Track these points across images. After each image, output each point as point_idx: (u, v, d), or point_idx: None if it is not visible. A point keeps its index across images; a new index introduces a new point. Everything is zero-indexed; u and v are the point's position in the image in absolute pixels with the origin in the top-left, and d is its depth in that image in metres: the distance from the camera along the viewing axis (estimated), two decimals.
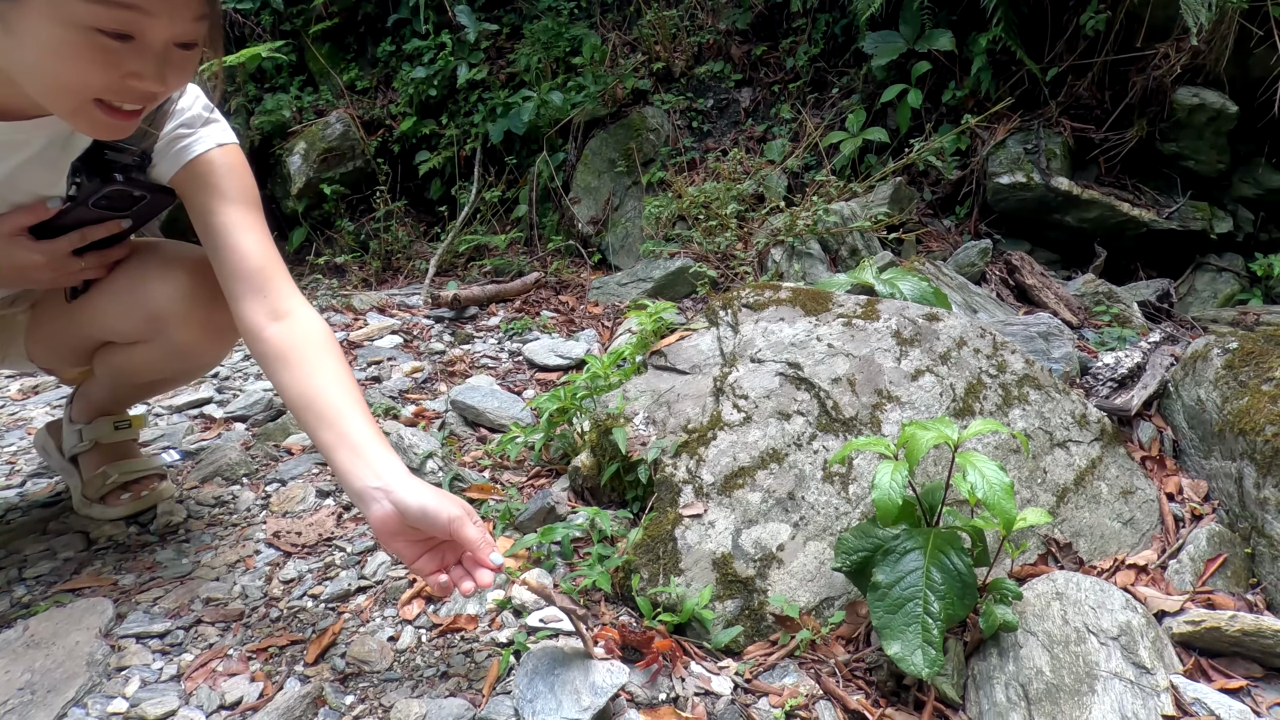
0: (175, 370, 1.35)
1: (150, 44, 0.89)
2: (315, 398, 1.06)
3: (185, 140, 1.15)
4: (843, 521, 1.30)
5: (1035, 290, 2.32)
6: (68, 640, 1.07)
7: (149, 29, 0.88)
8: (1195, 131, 2.64)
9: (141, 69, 0.90)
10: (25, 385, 2.16)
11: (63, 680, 1.02)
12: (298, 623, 1.21)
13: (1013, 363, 1.55)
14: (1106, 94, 2.78)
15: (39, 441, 1.57)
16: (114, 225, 1.18)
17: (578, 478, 1.55)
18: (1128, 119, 2.74)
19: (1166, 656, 1.09)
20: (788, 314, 1.66)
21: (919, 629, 1.02)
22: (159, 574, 1.30)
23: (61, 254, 1.15)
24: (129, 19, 0.86)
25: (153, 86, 0.92)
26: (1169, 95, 2.62)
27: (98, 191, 1.11)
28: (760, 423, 1.43)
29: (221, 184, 1.16)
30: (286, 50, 4.02)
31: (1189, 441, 1.54)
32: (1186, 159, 2.71)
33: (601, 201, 3.51)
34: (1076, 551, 1.32)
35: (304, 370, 1.08)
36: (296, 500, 1.53)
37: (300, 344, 1.10)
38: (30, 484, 1.64)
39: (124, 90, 0.91)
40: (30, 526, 1.43)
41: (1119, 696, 1.02)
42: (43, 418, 1.98)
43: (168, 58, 0.91)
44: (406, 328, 2.68)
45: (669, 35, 3.61)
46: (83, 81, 0.89)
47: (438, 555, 1.05)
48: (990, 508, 1.00)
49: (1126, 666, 1.05)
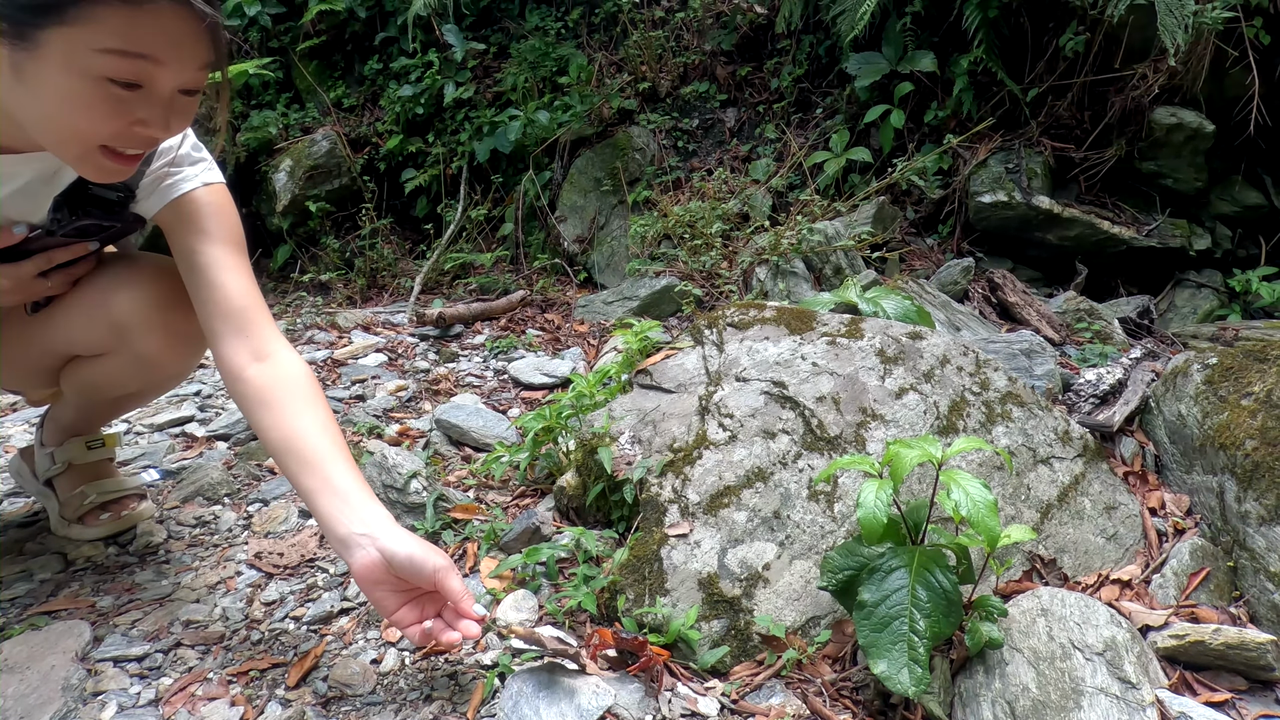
0: (142, 382, 1.33)
1: (158, 92, 0.92)
2: (297, 442, 1.06)
3: (172, 178, 1.16)
4: (828, 540, 1.30)
5: (1017, 308, 2.34)
6: (43, 664, 1.05)
7: (158, 78, 0.91)
8: (1173, 150, 2.69)
9: (149, 117, 0.92)
10: (4, 403, 2.14)
11: (37, 706, 1.00)
12: (279, 645, 1.19)
13: (995, 380, 1.56)
14: (1086, 114, 2.82)
15: (13, 467, 1.55)
16: (80, 248, 1.18)
17: (563, 497, 1.54)
18: (1107, 138, 2.78)
19: (1152, 671, 1.10)
20: (772, 333, 1.66)
21: (905, 647, 1.02)
22: (138, 596, 1.28)
23: (27, 277, 1.14)
24: (140, 69, 0.89)
25: (158, 133, 0.95)
26: (1147, 115, 2.67)
27: (70, 224, 1.12)
28: (745, 442, 1.43)
29: (206, 223, 1.17)
30: (274, 67, 4.02)
31: (1170, 456, 1.55)
32: (1165, 177, 2.76)
33: (587, 220, 3.52)
34: (1061, 568, 1.33)
35: (286, 414, 1.08)
36: (279, 520, 1.51)
37: (282, 387, 1.10)
38: (7, 503, 1.62)
39: (130, 137, 0.94)
40: (6, 547, 1.42)
41: (1105, 712, 1.02)
42: (20, 435, 1.95)
43: (173, 105, 0.94)
44: (391, 346, 2.67)
45: (655, 56, 3.65)
46: (93, 129, 0.91)
47: (417, 607, 1.06)
48: (974, 525, 1.01)
49: (1112, 682, 1.05)
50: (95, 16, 0.85)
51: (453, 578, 1.03)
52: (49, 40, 0.86)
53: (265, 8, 3.93)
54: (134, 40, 0.87)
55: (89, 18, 0.84)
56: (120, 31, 0.86)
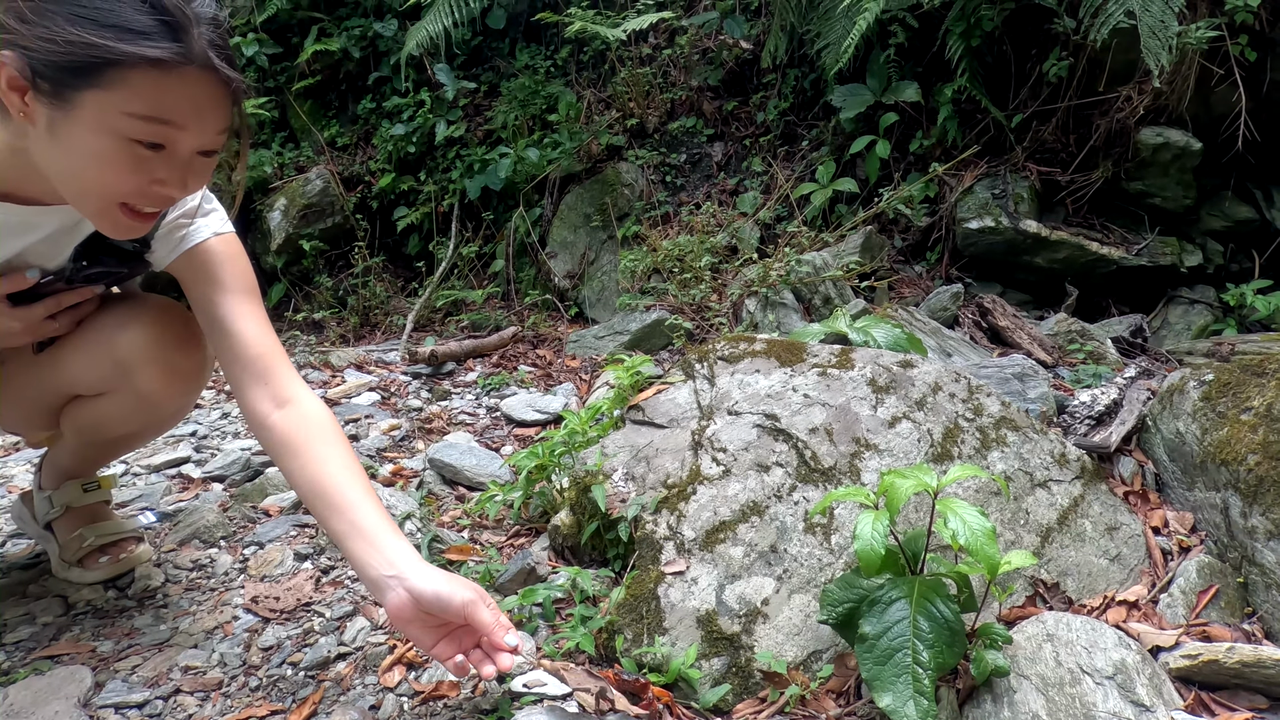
0: (142, 422, 1.35)
1: (179, 154, 0.97)
2: (326, 487, 1.10)
3: (185, 229, 1.21)
4: (826, 573, 1.30)
5: (1008, 332, 2.36)
6: (47, 710, 1.06)
7: (179, 140, 0.96)
8: (1160, 169, 2.71)
9: (168, 177, 0.98)
10: (7, 442, 2.15)
11: None
12: (277, 691, 1.18)
13: (989, 405, 1.57)
14: (1071, 137, 2.85)
15: (15, 511, 1.57)
16: (88, 292, 1.21)
17: (558, 536, 1.53)
18: (1093, 160, 2.81)
19: (1165, 693, 1.08)
20: (763, 365, 1.67)
21: (909, 679, 1.01)
22: (137, 641, 1.28)
23: (37, 319, 1.17)
24: (164, 133, 0.94)
25: (175, 193, 1.00)
26: (1133, 136, 2.69)
27: (85, 271, 1.16)
28: (739, 475, 1.43)
29: (220, 273, 1.21)
30: (269, 107, 4.07)
31: (1171, 474, 1.55)
32: (1153, 196, 2.78)
33: (578, 256, 3.54)
34: (1065, 591, 1.32)
35: (312, 459, 1.12)
36: (274, 564, 1.50)
37: (306, 432, 1.14)
38: (10, 544, 1.63)
39: (148, 195, 0.99)
40: (9, 589, 1.43)
41: None
42: (23, 475, 1.95)
43: (191, 165, 0.99)
44: (384, 384, 2.67)
45: (642, 92, 3.70)
46: (114, 187, 0.96)
47: (455, 640, 1.08)
48: (973, 553, 1.01)
49: (1125, 705, 1.04)
50: (127, 81, 0.90)
51: (481, 611, 1.04)
52: (83, 101, 0.91)
53: (263, 48, 3.99)
54: (160, 106, 0.92)
55: (122, 82, 0.90)
56: (148, 96, 0.91)
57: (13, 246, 1.11)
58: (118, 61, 0.89)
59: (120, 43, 0.89)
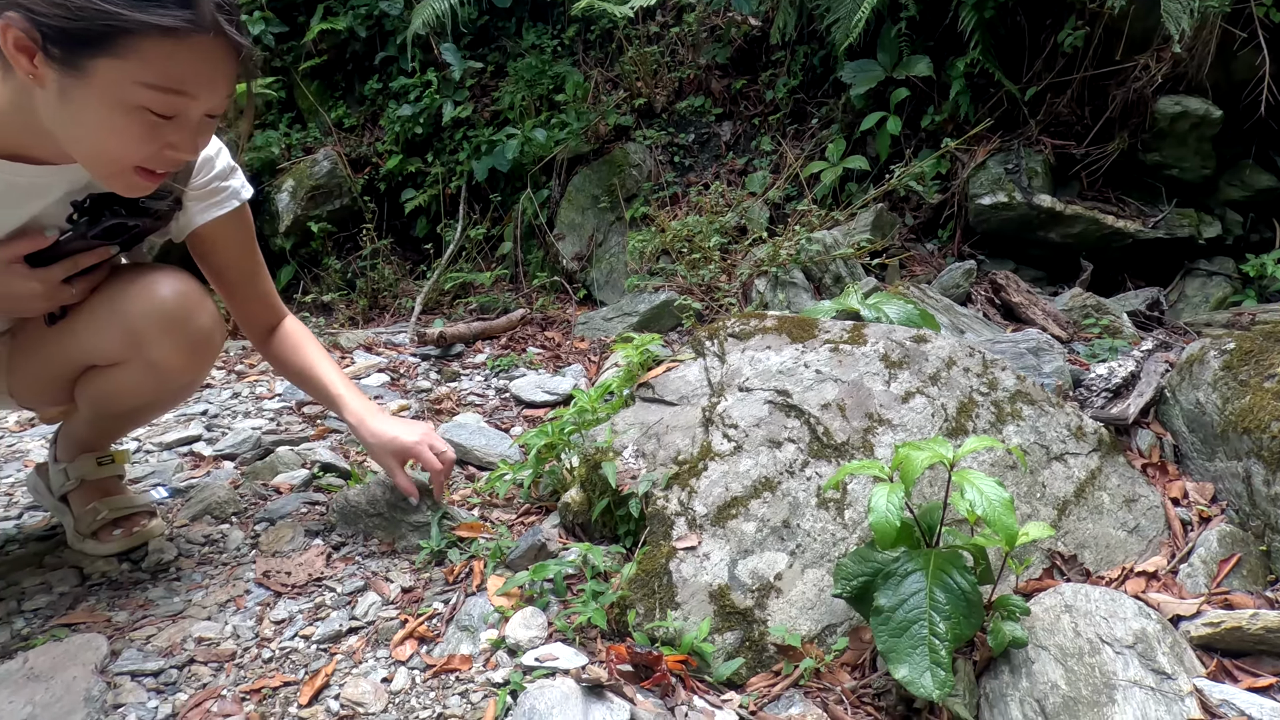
0: (154, 392, 1.35)
1: (189, 120, 1.00)
2: (308, 376, 1.46)
3: (222, 194, 1.29)
4: (840, 547, 1.28)
5: (1022, 308, 2.33)
6: (65, 675, 1.09)
7: (190, 108, 0.99)
8: (1178, 139, 2.65)
9: (179, 141, 1.01)
10: (23, 418, 2.18)
11: (62, 715, 1.04)
12: (290, 664, 1.19)
13: (1004, 380, 1.55)
14: (1086, 109, 2.79)
15: (30, 483, 1.58)
16: (104, 252, 1.21)
17: (568, 514, 1.53)
18: (1109, 133, 2.75)
19: (1187, 660, 1.07)
20: (774, 342, 1.65)
21: (926, 651, 1.00)
22: (151, 612, 1.30)
23: (55, 281, 1.17)
24: (177, 102, 0.97)
25: (186, 155, 1.04)
26: (1150, 106, 2.63)
27: (99, 225, 1.16)
28: (751, 451, 1.42)
29: (243, 234, 1.36)
30: (276, 87, 4.04)
31: (1190, 445, 1.53)
32: (1170, 167, 2.72)
33: (585, 238, 3.52)
34: (1082, 563, 1.30)
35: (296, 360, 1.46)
36: (285, 540, 1.50)
37: (289, 345, 1.47)
38: (27, 516, 1.65)
39: (161, 159, 1.01)
40: (27, 560, 1.45)
41: (1141, 704, 1.00)
42: (38, 450, 1.97)
43: (200, 128, 1.03)
44: (393, 366, 2.67)
45: (650, 71, 3.66)
46: (127, 153, 0.99)
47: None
48: (991, 524, 0.99)
49: (1146, 674, 1.03)
50: (139, 49, 0.91)
51: (423, 452, 1.41)
52: (96, 69, 0.92)
53: (269, 27, 3.95)
54: (172, 76, 0.94)
55: (134, 51, 0.91)
56: (161, 66, 0.93)
57: (28, 210, 1.11)
58: (130, 29, 0.90)
59: (132, 10, 0.89)
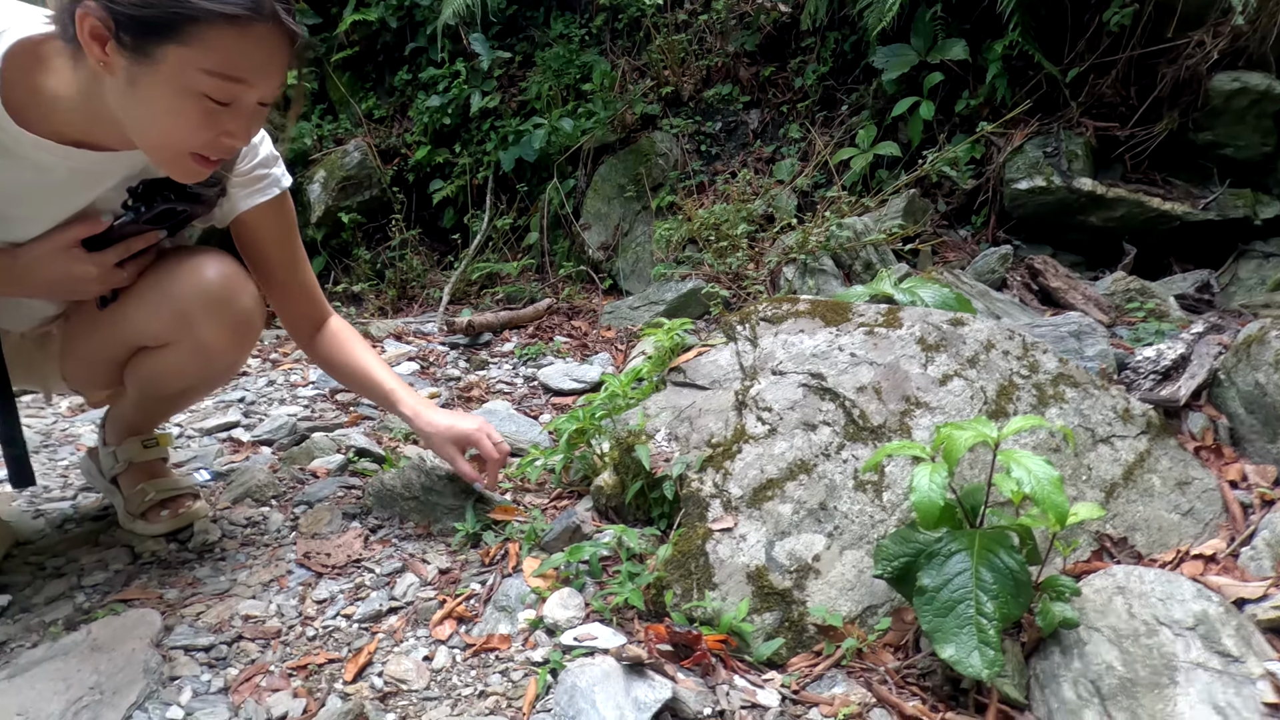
0: (200, 374, 1.38)
1: (244, 107, 1.03)
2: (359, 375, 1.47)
3: (265, 181, 1.31)
4: (879, 530, 1.27)
5: (1061, 292, 2.28)
6: (125, 648, 1.14)
7: (246, 95, 1.02)
8: (1235, 116, 2.56)
9: (235, 129, 1.04)
10: (75, 403, 2.25)
11: (125, 684, 1.08)
12: (333, 641, 1.21)
13: (1045, 362, 1.52)
14: (1132, 89, 2.71)
15: (84, 466, 1.64)
16: (154, 236, 1.24)
17: (601, 497, 1.53)
18: (1156, 113, 2.67)
19: (1255, 644, 1.03)
20: (807, 325, 1.63)
21: (973, 630, 0.98)
22: (199, 590, 1.34)
23: (109, 265, 1.20)
24: (236, 90, 1.00)
25: (241, 143, 1.07)
26: (1204, 83, 2.54)
27: (153, 210, 1.19)
28: (786, 434, 1.41)
29: (284, 223, 1.37)
30: (309, 78, 4.08)
31: (1249, 428, 1.49)
32: (1224, 146, 2.63)
33: (612, 227, 3.51)
34: (1133, 546, 1.27)
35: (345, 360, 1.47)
36: (324, 522, 1.52)
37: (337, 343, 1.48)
38: (81, 497, 1.70)
39: (217, 146, 1.05)
40: (84, 538, 1.50)
41: (1206, 686, 0.96)
42: (89, 434, 2.03)
43: (253, 116, 1.06)
44: (423, 354, 2.69)
45: (678, 60, 3.64)
46: (187, 138, 1.02)
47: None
48: (1039, 502, 0.97)
49: (1210, 656, 1.00)
50: (204, 38, 0.95)
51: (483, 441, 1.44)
52: (165, 56, 0.95)
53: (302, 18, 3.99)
54: (234, 64, 0.98)
55: (199, 38, 0.94)
56: (224, 54, 0.96)
57: (87, 196, 1.14)
58: (196, 17, 0.93)
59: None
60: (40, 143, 1.03)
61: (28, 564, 1.40)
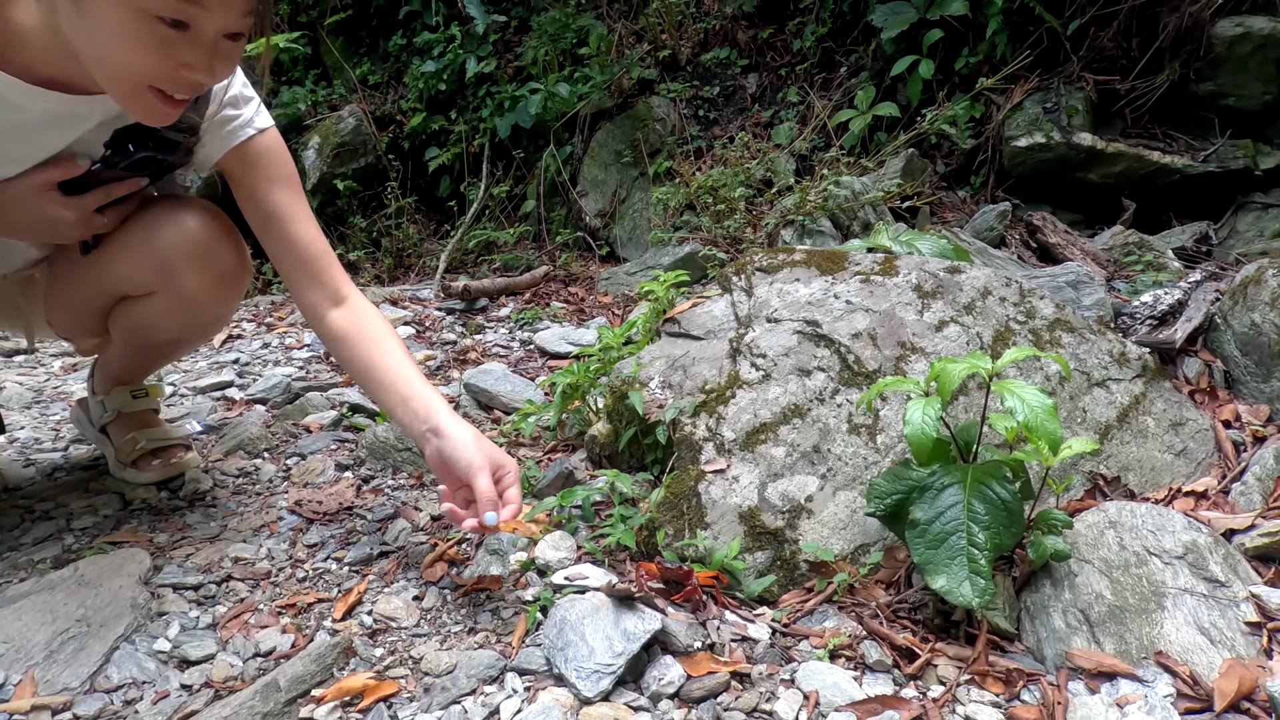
0: (183, 325, 1.36)
1: (202, 35, 0.94)
2: (380, 368, 1.22)
3: (233, 123, 1.21)
4: (872, 470, 1.26)
5: (1059, 248, 2.26)
6: (113, 584, 1.13)
7: (202, 20, 0.93)
8: (1238, 64, 2.53)
9: (194, 60, 0.95)
10: (67, 362, 2.25)
11: (112, 618, 1.08)
12: (323, 583, 1.21)
13: (1042, 309, 1.50)
14: (1134, 40, 2.68)
15: (74, 416, 1.63)
16: (135, 183, 1.21)
17: (595, 446, 1.52)
18: (1157, 64, 2.64)
19: (1241, 570, 1.04)
20: (803, 274, 1.62)
21: (964, 560, 0.97)
22: (189, 534, 1.33)
23: (88, 210, 1.18)
24: (185, 9, 0.91)
25: (203, 77, 0.98)
26: (1206, 30, 2.51)
27: (131, 157, 1.15)
28: (780, 380, 1.39)
29: (270, 170, 1.24)
30: (302, 42, 4.03)
31: (1243, 369, 1.49)
32: (1226, 96, 2.60)
33: (609, 194, 3.49)
34: (1126, 484, 1.27)
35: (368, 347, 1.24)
36: (316, 473, 1.51)
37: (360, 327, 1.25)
38: (73, 448, 1.71)
39: (177, 80, 0.97)
40: (74, 485, 1.49)
41: (1192, 610, 0.97)
42: (82, 391, 2.02)
43: (217, 49, 0.97)
44: (419, 319, 2.68)
45: (675, 23, 3.60)
46: (140, 68, 0.94)
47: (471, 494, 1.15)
48: (1033, 431, 0.96)
49: (1197, 582, 1.00)
50: None
51: (480, 478, 1.10)
52: None
53: None
54: None
55: None
56: None
57: (63, 139, 1.12)
58: None
59: None
60: (11, 81, 1.00)
61: (16, 508, 1.40)
